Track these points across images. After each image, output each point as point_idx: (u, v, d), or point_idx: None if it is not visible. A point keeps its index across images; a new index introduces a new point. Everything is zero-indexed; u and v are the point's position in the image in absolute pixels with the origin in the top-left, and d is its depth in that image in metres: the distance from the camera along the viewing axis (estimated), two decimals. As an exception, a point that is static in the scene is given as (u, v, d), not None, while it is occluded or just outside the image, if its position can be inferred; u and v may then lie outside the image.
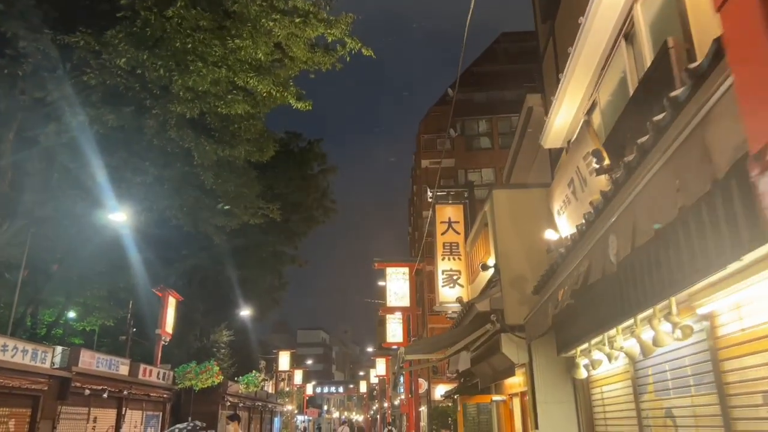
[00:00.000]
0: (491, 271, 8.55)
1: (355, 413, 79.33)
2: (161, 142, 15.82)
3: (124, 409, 16.51)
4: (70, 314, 25.14)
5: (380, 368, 46.55)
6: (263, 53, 13.47)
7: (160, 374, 18.97)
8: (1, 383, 11.12)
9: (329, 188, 32.83)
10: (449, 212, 12.02)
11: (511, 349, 7.93)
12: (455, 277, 11.71)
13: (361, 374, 78.87)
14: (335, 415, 78.48)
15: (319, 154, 31.61)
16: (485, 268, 8.53)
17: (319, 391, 70.31)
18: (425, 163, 33.37)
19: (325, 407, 77.15)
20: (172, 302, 22.02)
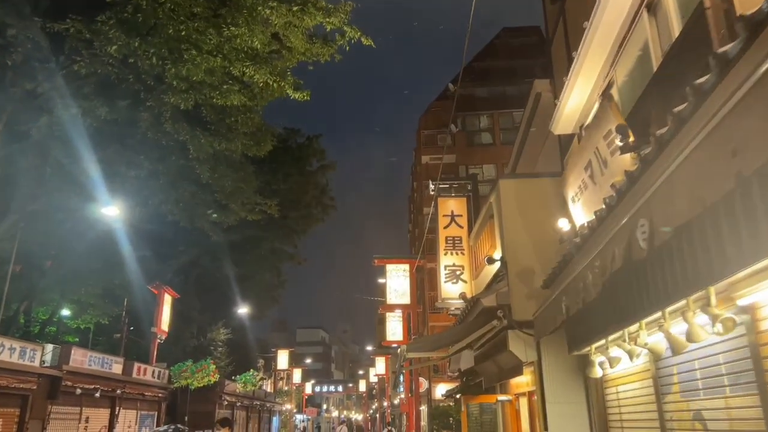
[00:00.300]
0: (497, 264, 8.15)
1: (354, 412, 79.00)
2: (156, 134, 15.43)
3: (117, 408, 16.10)
4: (64, 312, 24.73)
5: (380, 367, 46.19)
6: (260, 41, 13.07)
7: (155, 373, 18.56)
8: (-13, 382, 10.73)
9: (328, 185, 32.47)
10: (452, 205, 11.61)
11: (518, 346, 7.53)
12: (458, 272, 11.30)
13: (360, 373, 78.49)
14: (334, 414, 78.13)
15: (318, 150, 31.18)
16: (491, 261, 8.12)
17: (318, 390, 69.94)
18: (425, 159, 32.94)
19: (324, 406, 76.82)
20: (167, 299, 21.60)
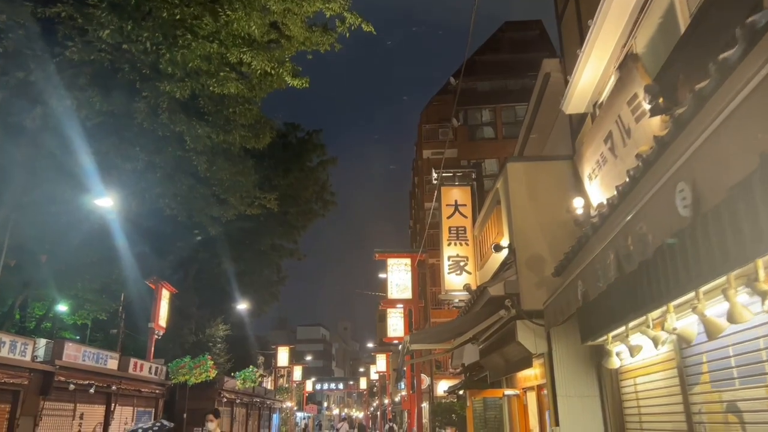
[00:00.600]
0: (505, 252, 7.77)
1: (355, 410, 78.73)
2: (152, 125, 15.08)
3: (113, 405, 15.75)
4: (61, 308, 24.37)
5: (380, 364, 45.90)
6: (257, 27, 12.70)
7: (152, 369, 18.21)
8: (-25, 377, 10.37)
9: (329, 181, 32.11)
10: (456, 194, 11.23)
11: (527, 337, 7.15)
12: (462, 263, 10.93)
13: (361, 371, 78.17)
14: (335, 411, 77.88)
15: (318, 145, 30.80)
16: (498, 249, 7.75)
17: (318, 387, 69.61)
18: (427, 153, 32.54)
19: (325, 404, 76.57)
20: (165, 295, 21.26)
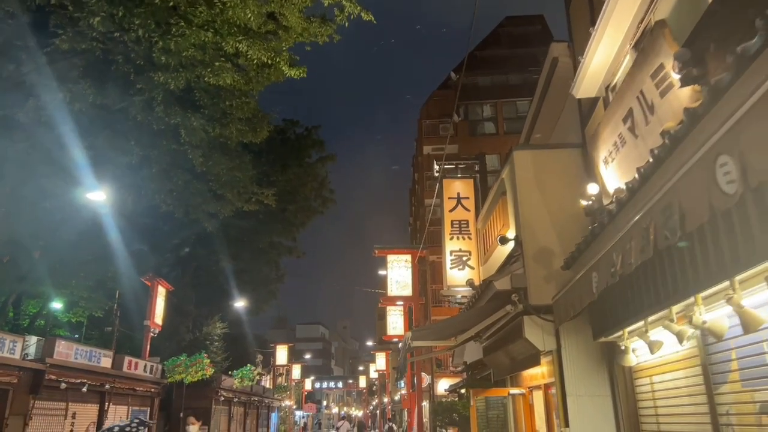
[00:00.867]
0: (511, 244, 7.43)
1: (354, 409, 78.47)
2: (146, 119, 14.76)
3: (107, 404, 15.41)
4: (56, 305, 24.01)
5: (380, 363, 45.59)
6: (253, 15, 12.35)
7: (147, 367, 17.86)
8: (-39, 375, 10.03)
9: (327, 178, 31.79)
10: (458, 187, 10.88)
11: (535, 333, 6.81)
12: (465, 258, 10.58)
13: (360, 369, 77.92)
14: (334, 410, 77.61)
15: (317, 141, 30.47)
16: (504, 241, 7.40)
17: (318, 386, 69.35)
18: (427, 149, 32.16)
19: (324, 403, 76.28)
20: (161, 292, 20.91)
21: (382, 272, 22.37)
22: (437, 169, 11.62)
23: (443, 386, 23.24)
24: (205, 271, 29.07)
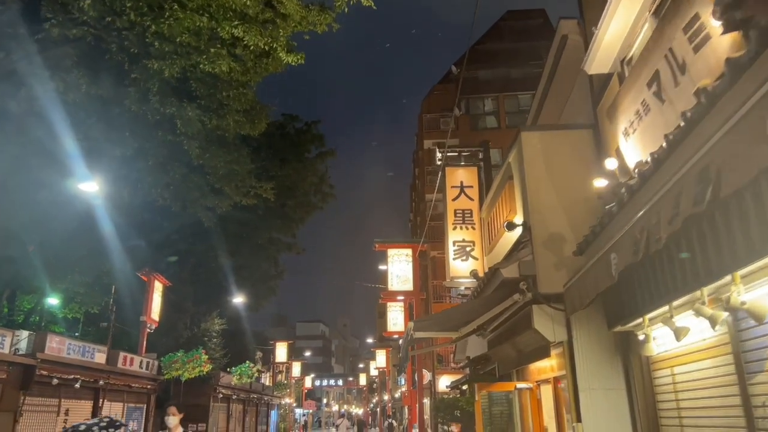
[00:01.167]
0: (518, 230, 7.06)
1: (354, 406, 78.19)
2: (141, 109, 14.41)
3: (101, 400, 15.07)
4: (52, 301, 23.66)
5: (380, 360, 45.27)
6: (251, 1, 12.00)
7: (143, 363, 17.52)
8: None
9: (327, 173, 31.46)
10: (461, 175, 10.51)
11: (545, 323, 6.45)
12: (468, 248, 10.22)
13: (360, 367, 77.58)
14: (334, 408, 77.34)
15: (316, 135, 30.11)
16: (511, 227, 7.04)
17: (318, 383, 69.04)
18: (428, 144, 31.78)
19: (324, 400, 76.03)
20: (158, 287, 20.56)
21: (382, 267, 22.05)
22: (439, 157, 11.25)
23: (444, 383, 22.89)
24: (203, 267, 28.73)
